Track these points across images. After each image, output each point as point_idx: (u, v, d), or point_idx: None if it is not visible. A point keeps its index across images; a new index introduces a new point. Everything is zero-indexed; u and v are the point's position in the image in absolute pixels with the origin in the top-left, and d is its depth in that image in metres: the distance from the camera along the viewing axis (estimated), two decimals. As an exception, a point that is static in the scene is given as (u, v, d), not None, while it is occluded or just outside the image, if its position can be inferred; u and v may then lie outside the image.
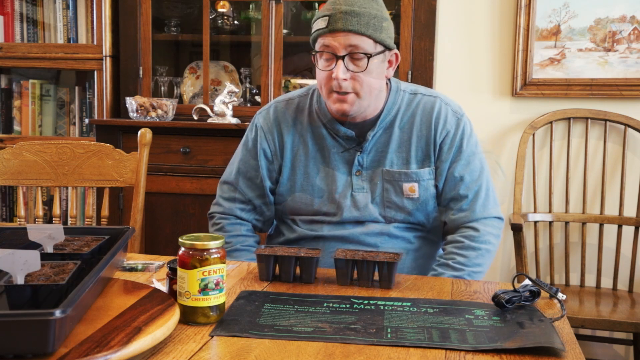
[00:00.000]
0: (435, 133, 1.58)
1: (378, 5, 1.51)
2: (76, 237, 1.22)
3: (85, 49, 2.83)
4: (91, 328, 0.92)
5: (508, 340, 1.02)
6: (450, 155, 1.58)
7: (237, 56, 3.10)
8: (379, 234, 1.58)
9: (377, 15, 1.48)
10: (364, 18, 1.46)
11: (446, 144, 1.58)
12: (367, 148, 1.59)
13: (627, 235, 2.54)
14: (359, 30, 1.45)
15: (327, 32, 1.47)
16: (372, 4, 1.49)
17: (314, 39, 1.53)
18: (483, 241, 1.56)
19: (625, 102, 2.57)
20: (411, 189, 1.57)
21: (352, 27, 1.45)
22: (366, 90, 1.51)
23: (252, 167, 1.67)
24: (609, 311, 2.27)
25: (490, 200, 1.61)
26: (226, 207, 1.69)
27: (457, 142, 1.59)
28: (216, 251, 1.07)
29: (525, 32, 2.59)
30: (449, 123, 1.59)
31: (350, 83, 1.49)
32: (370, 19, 1.47)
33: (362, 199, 1.59)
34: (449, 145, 1.58)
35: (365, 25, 1.46)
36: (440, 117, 1.59)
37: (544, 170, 2.64)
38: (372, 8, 1.48)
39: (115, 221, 2.61)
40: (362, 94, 1.51)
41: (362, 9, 1.46)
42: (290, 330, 1.05)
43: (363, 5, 1.47)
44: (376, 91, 1.54)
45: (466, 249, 1.55)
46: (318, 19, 1.50)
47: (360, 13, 1.46)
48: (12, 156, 1.96)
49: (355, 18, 1.45)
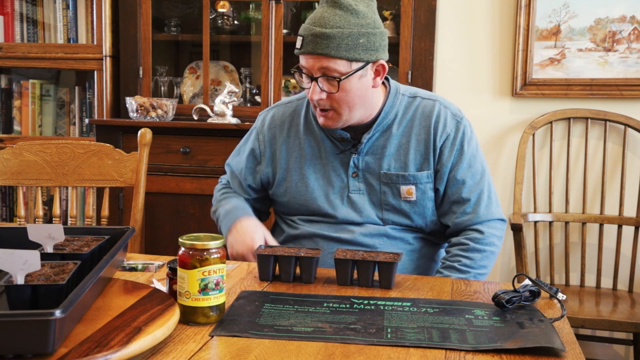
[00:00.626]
0: (435, 137, 1.58)
1: (358, 18, 1.46)
2: (76, 237, 1.22)
3: (85, 49, 2.83)
4: (91, 328, 0.92)
5: (508, 340, 1.02)
6: (451, 158, 1.58)
7: (237, 56, 3.10)
8: (376, 235, 1.58)
9: (352, 33, 1.44)
10: (335, 40, 1.43)
11: (447, 147, 1.58)
12: (363, 150, 1.59)
13: (627, 235, 2.54)
14: (329, 54, 1.44)
15: (301, 53, 1.49)
16: (349, 19, 1.45)
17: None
18: (487, 243, 1.56)
19: (625, 102, 2.57)
20: (409, 191, 1.57)
21: (322, 51, 1.44)
22: (344, 107, 1.51)
23: (241, 165, 1.73)
24: (609, 311, 2.27)
25: (492, 202, 1.61)
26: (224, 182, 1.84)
27: (457, 145, 1.58)
28: (216, 251, 1.07)
29: (525, 32, 2.59)
30: (448, 126, 1.59)
31: (327, 101, 1.50)
32: (342, 40, 1.43)
33: (358, 200, 1.59)
34: (450, 149, 1.58)
35: (335, 47, 1.43)
36: (440, 120, 1.59)
37: (544, 170, 2.64)
38: (347, 26, 1.44)
39: (115, 221, 2.61)
40: (341, 110, 1.52)
41: (334, 30, 1.43)
42: (290, 330, 1.05)
43: (337, 24, 1.43)
44: (359, 105, 1.53)
45: (471, 251, 1.55)
46: (298, 35, 1.50)
47: (331, 35, 1.42)
48: (12, 156, 1.96)
49: (325, 41, 1.43)
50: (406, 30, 2.59)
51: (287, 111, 1.69)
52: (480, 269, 1.54)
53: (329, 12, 1.45)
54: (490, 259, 1.57)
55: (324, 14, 1.45)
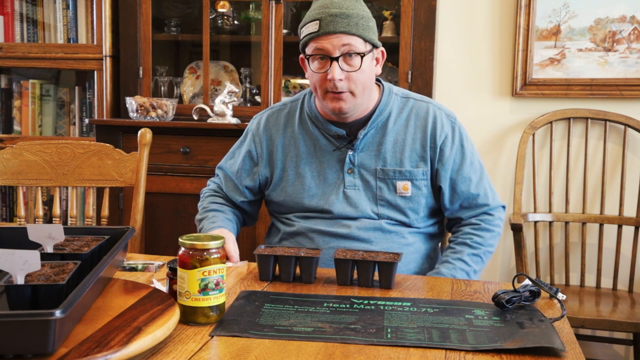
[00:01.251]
0: (433, 137, 1.63)
1: (362, 5, 1.58)
2: (76, 237, 1.22)
3: (85, 49, 2.83)
4: (91, 328, 0.92)
5: (508, 340, 1.02)
6: (453, 157, 1.63)
7: (237, 56, 3.10)
8: (371, 228, 1.60)
9: (364, 16, 1.54)
10: (354, 19, 1.51)
11: (447, 147, 1.63)
12: (359, 146, 1.63)
13: (627, 235, 2.54)
14: (351, 31, 1.51)
15: (319, 35, 1.51)
16: (356, 4, 1.55)
17: (305, 42, 1.57)
18: (496, 224, 1.67)
19: (625, 102, 2.57)
20: (404, 187, 1.61)
21: (344, 29, 1.50)
22: (360, 88, 1.56)
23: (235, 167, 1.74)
24: (609, 311, 2.27)
25: (494, 191, 1.71)
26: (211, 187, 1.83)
27: (457, 144, 1.65)
28: (216, 251, 1.07)
29: (525, 32, 2.59)
30: (446, 126, 1.65)
31: (345, 83, 1.54)
32: (359, 20, 1.52)
33: (354, 195, 1.62)
34: (450, 148, 1.63)
35: (355, 25, 1.51)
36: (437, 121, 1.64)
37: (544, 170, 2.64)
38: (358, 9, 1.54)
39: (115, 221, 2.61)
40: (357, 92, 1.56)
41: (350, 11, 1.52)
42: (290, 330, 1.05)
43: (350, 7, 1.53)
44: (368, 89, 1.60)
45: (482, 230, 1.65)
46: (308, 24, 1.54)
47: (350, 14, 1.51)
48: (12, 156, 1.96)
49: (345, 20, 1.50)
50: (406, 30, 2.59)
51: (281, 113, 1.73)
52: (489, 247, 1.64)
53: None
54: (496, 239, 1.67)
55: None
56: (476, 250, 1.61)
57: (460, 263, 1.58)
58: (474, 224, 1.66)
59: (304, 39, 1.56)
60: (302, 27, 1.57)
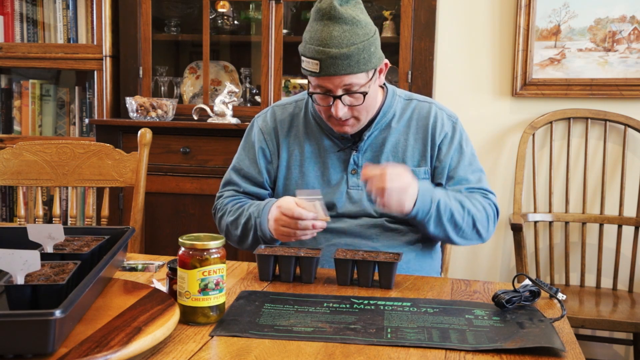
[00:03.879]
0: (433, 135, 1.63)
1: (363, 28, 1.47)
2: (76, 237, 1.22)
3: (85, 49, 2.83)
4: (91, 328, 0.92)
5: (508, 340, 1.02)
6: (450, 156, 1.63)
7: (237, 56, 3.10)
8: (372, 226, 1.60)
9: (365, 46, 1.46)
10: (354, 58, 1.45)
11: (445, 145, 1.63)
12: (363, 147, 1.63)
13: (627, 235, 2.54)
14: (352, 71, 1.46)
15: (320, 76, 1.48)
16: (356, 31, 1.46)
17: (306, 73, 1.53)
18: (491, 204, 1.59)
19: (625, 102, 2.57)
20: None
21: (345, 71, 1.46)
22: (364, 114, 1.56)
23: (251, 166, 1.69)
24: (609, 311, 2.27)
25: (493, 193, 1.66)
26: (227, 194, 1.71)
27: (456, 144, 1.64)
28: (216, 251, 1.07)
29: (525, 32, 2.59)
30: (446, 126, 1.64)
31: (349, 113, 1.54)
32: (360, 56, 1.46)
33: (356, 195, 1.62)
34: (448, 147, 1.63)
35: (356, 64, 1.46)
36: (437, 121, 1.64)
37: (544, 170, 2.64)
38: (358, 40, 1.46)
39: (115, 221, 2.61)
40: (362, 117, 1.57)
41: (351, 49, 1.44)
42: (290, 330, 1.05)
43: (351, 41, 1.45)
44: (373, 106, 1.59)
45: (476, 197, 1.58)
46: (308, 60, 1.47)
47: (350, 54, 1.44)
48: (12, 156, 1.96)
49: (345, 61, 1.44)
50: (406, 30, 2.59)
51: (285, 112, 1.71)
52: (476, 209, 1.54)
53: (337, 29, 1.44)
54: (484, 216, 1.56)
55: (333, 32, 1.44)
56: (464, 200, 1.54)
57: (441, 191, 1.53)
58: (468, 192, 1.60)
59: (303, 70, 1.52)
60: (302, 54, 1.50)
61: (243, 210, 1.60)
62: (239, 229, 1.59)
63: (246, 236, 1.59)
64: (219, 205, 1.70)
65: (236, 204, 1.65)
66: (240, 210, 1.61)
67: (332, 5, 1.45)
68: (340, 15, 1.44)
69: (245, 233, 1.59)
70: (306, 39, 1.49)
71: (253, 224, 1.55)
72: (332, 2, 1.45)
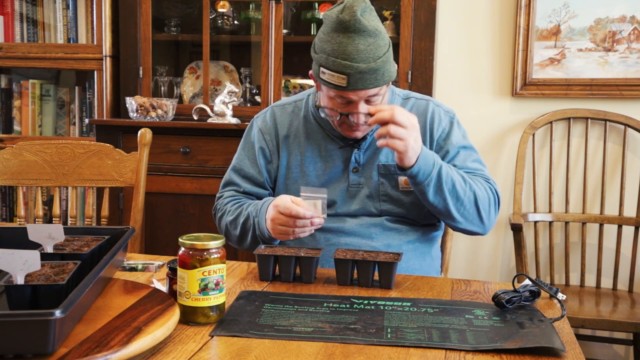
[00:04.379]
0: (432, 131, 1.64)
1: (383, 39, 1.46)
2: (76, 237, 1.22)
3: (85, 49, 2.83)
4: (91, 328, 0.92)
5: (508, 340, 1.02)
6: (449, 148, 1.63)
7: (237, 56, 3.10)
8: (372, 225, 1.60)
9: (387, 56, 1.46)
10: (381, 71, 1.45)
11: (442, 139, 1.64)
12: (364, 146, 1.63)
13: (627, 235, 2.54)
14: (379, 85, 1.46)
15: (346, 90, 1.46)
16: (379, 43, 1.44)
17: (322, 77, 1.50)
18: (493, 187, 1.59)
19: (625, 102, 2.57)
20: (406, 181, 1.61)
21: (373, 85, 1.45)
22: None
23: (251, 166, 1.69)
24: (609, 311, 2.27)
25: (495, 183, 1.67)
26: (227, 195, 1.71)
27: (454, 137, 1.64)
28: (216, 251, 1.07)
29: (525, 32, 2.59)
30: (443, 121, 1.65)
31: (366, 119, 1.53)
32: (385, 68, 1.46)
33: (357, 193, 1.63)
34: (445, 140, 1.64)
35: (382, 77, 1.46)
36: (435, 117, 1.65)
37: (544, 170, 2.64)
38: (382, 52, 1.45)
39: (115, 221, 2.61)
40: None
41: (378, 62, 1.44)
42: (290, 330, 1.05)
43: (377, 54, 1.44)
44: None
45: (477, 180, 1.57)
46: (333, 73, 1.44)
47: (377, 68, 1.44)
48: (12, 156, 1.96)
49: (373, 75, 1.44)
50: (406, 30, 2.59)
51: (285, 112, 1.71)
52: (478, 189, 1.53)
53: (363, 43, 1.42)
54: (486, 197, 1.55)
55: (359, 45, 1.42)
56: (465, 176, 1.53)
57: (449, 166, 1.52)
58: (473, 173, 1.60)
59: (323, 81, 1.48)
60: (324, 66, 1.46)
61: (242, 209, 1.60)
62: (238, 229, 1.59)
63: (245, 236, 1.59)
64: (218, 206, 1.70)
65: (235, 204, 1.65)
66: (239, 209, 1.61)
67: (355, 17, 1.41)
68: (364, 28, 1.42)
69: (244, 233, 1.59)
70: (327, 50, 1.45)
71: (252, 224, 1.55)
72: (356, 14, 1.41)
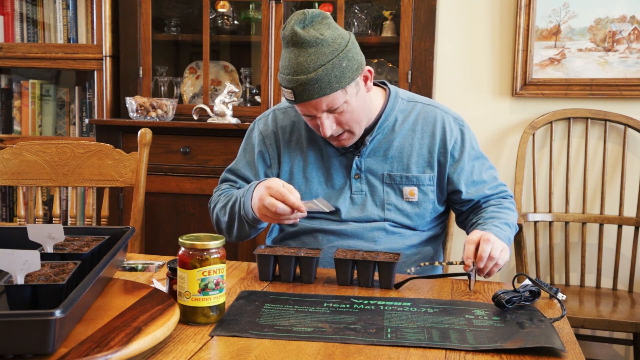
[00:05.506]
0: (444, 142, 1.62)
1: (330, 45, 1.43)
2: (76, 237, 1.22)
3: (85, 49, 2.83)
4: (91, 328, 0.92)
5: (508, 340, 1.02)
6: (464, 161, 1.63)
7: (237, 56, 3.10)
8: (375, 229, 1.60)
9: (335, 64, 1.43)
10: (324, 80, 1.42)
11: (456, 151, 1.63)
12: (365, 152, 1.62)
13: (627, 235, 2.54)
14: (326, 93, 1.44)
15: (297, 103, 1.48)
16: (323, 51, 1.42)
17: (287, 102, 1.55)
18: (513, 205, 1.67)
19: (625, 102, 2.57)
20: (411, 192, 1.60)
21: (318, 95, 1.44)
22: (355, 125, 1.54)
23: (247, 167, 1.69)
24: (609, 311, 2.27)
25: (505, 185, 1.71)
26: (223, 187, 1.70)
27: (467, 148, 1.64)
28: (216, 251, 1.07)
29: (525, 32, 2.59)
30: (454, 131, 1.64)
31: (339, 127, 1.53)
32: (330, 76, 1.43)
33: (360, 201, 1.61)
34: (460, 152, 1.63)
35: (327, 85, 1.43)
36: (446, 127, 1.63)
37: (544, 170, 2.64)
38: (325, 60, 1.42)
39: (115, 221, 2.61)
40: (354, 129, 1.55)
41: (319, 72, 1.42)
42: (290, 330, 1.05)
43: (318, 63, 1.42)
44: (364, 115, 1.56)
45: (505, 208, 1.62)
46: (284, 89, 1.48)
47: (319, 78, 1.42)
48: (12, 156, 1.96)
49: (316, 85, 1.42)
50: (406, 30, 2.59)
51: (287, 117, 1.69)
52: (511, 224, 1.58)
53: (303, 55, 1.42)
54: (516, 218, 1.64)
55: (299, 58, 1.42)
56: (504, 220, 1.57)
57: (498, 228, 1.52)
58: (495, 204, 1.63)
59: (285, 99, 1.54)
60: (280, 79, 1.49)
61: (232, 195, 1.60)
62: (227, 215, 1.58)
63: (233, 221, 1.57)
64: (213, 197, 1.70)
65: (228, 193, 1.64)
66: (229, 196, 1.61)
67: (293, 31, 1.42)
68: (302, 40, 1.41)
69: (232, 218, 1.57)
70: (280, 68, 1.49)
71: (238, 205, 1.53)
72: (293, 28, 1.42)
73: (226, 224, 1.60)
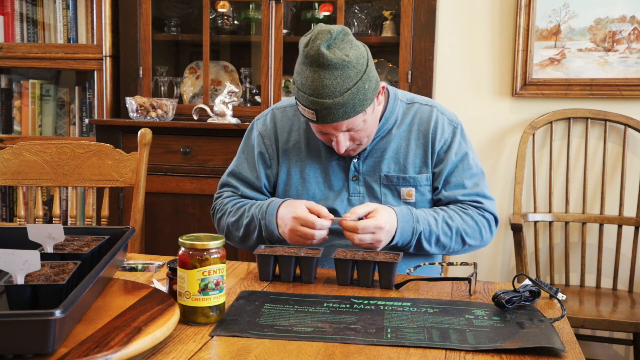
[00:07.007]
0: (433, 141, 1.61)
1: (355, 68, 1.41)
2: (76, 237, 1.22)
3: (85, 49, 2.83)
4: (91, 328, 0.92)
5: (508, 340, 1.02)
6: (449, 161, 1.61)
7: (237, 56, 3.10)
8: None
9: (359, 87, 1.41)
10: (350, 103, 1.41)
11: (443, 151, 1.61)
12: (364, 155, 1.62)
13: (627, 235, 2.55)
14: (349, 116, 1.44)
15: (318, 123, 1.47)
16: (349, 74, 1.40)
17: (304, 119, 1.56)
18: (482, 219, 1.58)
19: (625, 102, 2.57)
20: (408, 193, 1.60)
21: (343, 118, 1.43)
22: (365, 138, 1.55)
23: (249, 170, 1.68)
24: (609, 311, 2.27)
25: (492, 199, 1.64)
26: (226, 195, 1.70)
27: (454, 149, 1.62)
28: (216, 251, 1.07)
29: (525, 32, 2.59)
30: (446, 132, 1.62)
31: (352, 144, 1.54)
32: (355, 100, 1.42)
33: (358, 203, 1.61)
34: (446, 152, 1.61)
35: (352, 109, 1.42)
36: (438, 127, 1.62)
37: (544, 170, 2.64)
38: (351, 83, 1.40)
39: (115, 221, 2.62)
40: (364, 141, 1.56)
41: (345, 96, 1.40)
42: (290, 330, 1.05)
43: (344, 87, 1.40)
44: (375, 127, 1.57)
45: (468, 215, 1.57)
46: (304, 107, 1.45)
47: (345, 102, 1.40)
48: (12, 156, 1.96)
49: (341, 109, 1.41)
50: (406, 30, 2.59)
51: (286, 116, 1.69)
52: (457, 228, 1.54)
53: (329, 77, 1.39)
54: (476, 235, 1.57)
55: (324, 81, 1.39)
56: (453, 220, 1.54)
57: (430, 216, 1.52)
58: (460, 207, 1.58)
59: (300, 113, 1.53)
60: (296, 99, 1.47)
61: (244, 210, 1.59)
62: (240, 230, 1.59)
63: (248, 237, 1.58)
64: (217, 206, 1.69)
65: (236, 204, 1.64)
66: (241, 210, 1.60)
67: (319, 52, 1.37)
68: (329, 62, 1.38)
69: (247, 234, 1.58)
70: (297, 82, 1.45)
71: (257, 226, 1.55)
72: (320, 49, 1.37)
73: (240, 238, 1.61)
